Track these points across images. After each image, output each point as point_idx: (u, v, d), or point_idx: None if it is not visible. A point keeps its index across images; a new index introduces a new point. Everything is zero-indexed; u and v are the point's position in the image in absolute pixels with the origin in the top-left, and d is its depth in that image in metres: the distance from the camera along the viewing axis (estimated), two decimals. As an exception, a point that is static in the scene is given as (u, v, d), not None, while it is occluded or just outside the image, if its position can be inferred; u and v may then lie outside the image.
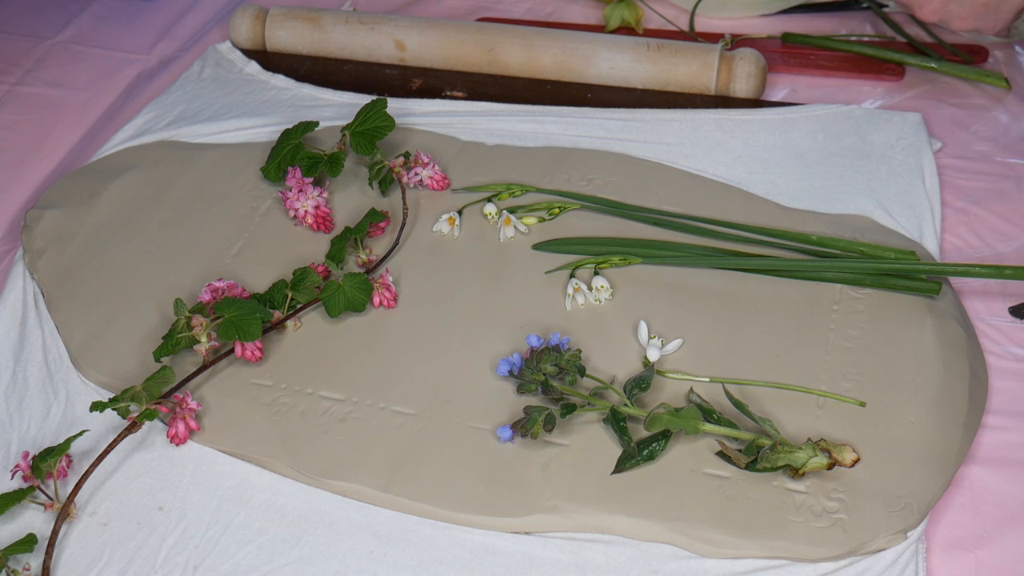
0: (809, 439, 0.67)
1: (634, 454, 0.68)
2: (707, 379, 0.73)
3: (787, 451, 0.66)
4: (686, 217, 0.85)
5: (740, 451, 0.68)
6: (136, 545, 0.67)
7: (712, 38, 1.08)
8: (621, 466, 0.68)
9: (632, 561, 0.65)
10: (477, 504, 0.67)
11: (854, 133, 0.94)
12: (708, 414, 0.69)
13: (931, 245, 0.83)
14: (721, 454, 0.68)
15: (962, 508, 0.67)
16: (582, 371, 0.72)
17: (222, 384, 0.75)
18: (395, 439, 0.71)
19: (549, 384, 0.71)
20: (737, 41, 1.07)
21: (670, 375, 0.74)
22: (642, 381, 0.72)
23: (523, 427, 0.69)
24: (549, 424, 0.69)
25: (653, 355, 0.74)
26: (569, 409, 0.70)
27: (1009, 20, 0.59)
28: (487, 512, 0.67)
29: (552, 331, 0.77)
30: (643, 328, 0.76)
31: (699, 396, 0.71)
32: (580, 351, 0.72)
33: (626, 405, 0.70)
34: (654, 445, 0.68)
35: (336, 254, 0.82)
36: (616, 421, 0.69)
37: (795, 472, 0.66)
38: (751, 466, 0.67)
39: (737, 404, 0.69)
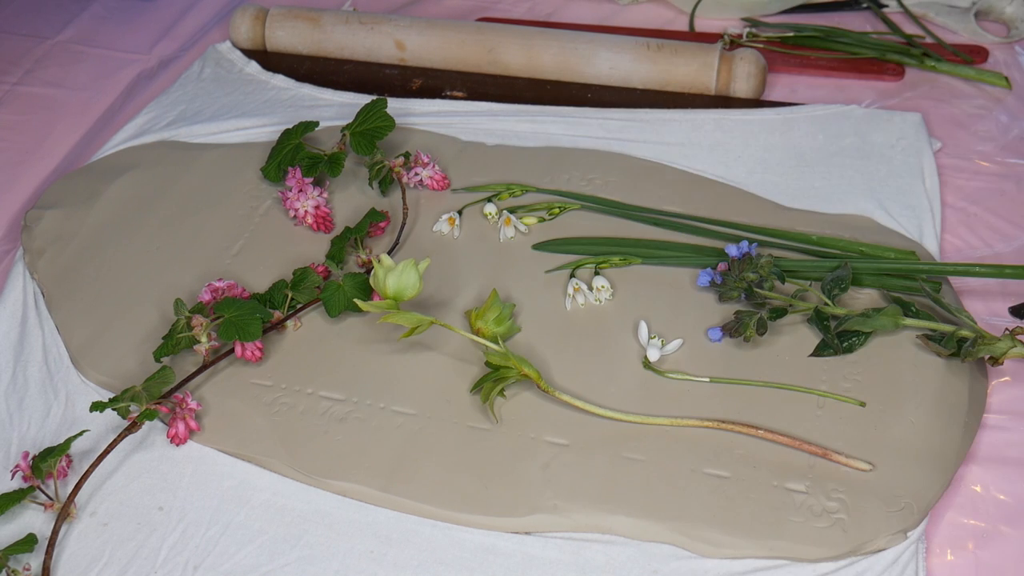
0: (1006, 329, 0.70)
1: (834, 346, 0.72)
2: (707, 379, 0.73)
3: (988, 343, 0.69)
4: (686, 217, 0.85)
5: (939, 343, 0.72)
6: (136, 545, 0.67)
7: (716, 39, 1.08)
8: (820, 352, 0.73)
9: (632, 561, 0.65)
10: (477, 504, 0.67)
11: (854, 133, 0.94)
12: (907, 307, 0.73)
13: (931, 245, 0.83)
14: (921, 345, 0.73)
15: (962, 508, 0.67)
16: (781, 277, 0.75)
17: (222, 384, 0.76)
18: (395, 439, 0.71)
19: (752, 290, 0.74)
20: (737, 42, 1.07)
21: (670, 375, 0.74)
22: (841, 281, 0.75)
23: (735, 330, 0.73)
24: (761, 328, 0.73)
25: (653, 355, 0.74)
26: (779, 313, 0.74)
27: None
28: (487, 512, 0.67)
29: (553, 330, 0.77)
30: (643, 328, 0.76)
31: (907, 296, 0.76)
32: (772, 256, 0.76)
33: (827, 304, 0.74)
34: (853, 340, 0.73)
35: (336, 254, 0.82)
36: (821, 320, 0.73)
37: (995, 361, 0.70)
38: (952, 358, 0.71)
39: (935, 300, 0.73)
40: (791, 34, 1.08)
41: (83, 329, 0.80)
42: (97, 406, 0.69)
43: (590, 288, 0.80)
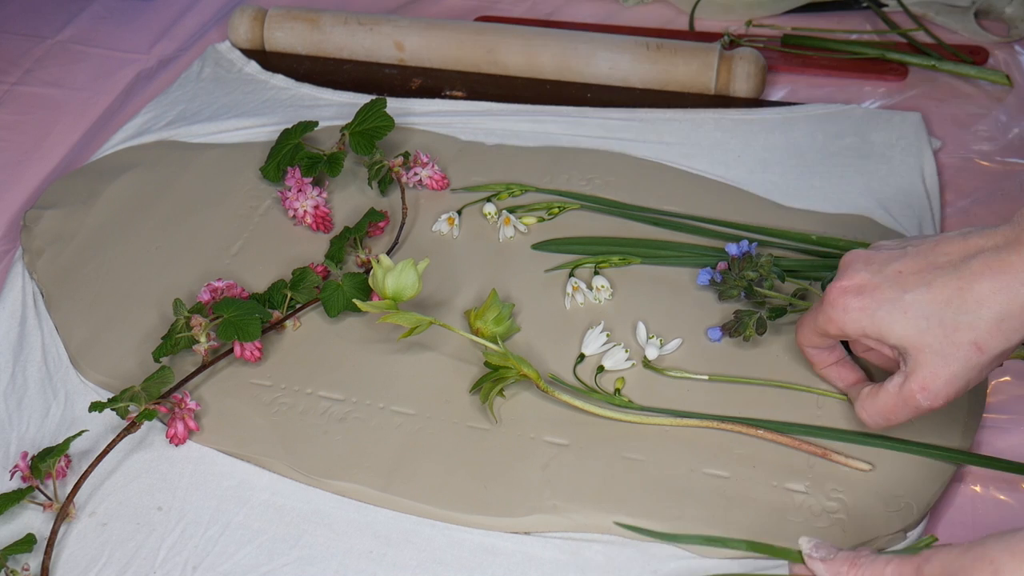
0: None
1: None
2: (706, 377, 0.73)
3: None
4: (686, 217, 0.85)
5: None
6: (135, 545, 0.67)
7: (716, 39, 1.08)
8: None
9: (632, 561, 0.65)
10: (476, 504, 0.67)
11: (854, 133, 0.94)
12: None
13: (931, 245, 0.83)
14: None
15: (962, 508, 0.67)
16: (781, 276, 0.75)
17: (221, 384, 0.75)
18: (395, 439, 0.71)
19: (752, 289, 0.74)
20: (739, 41, 1.07)
21: (669, 373, 0.73)
22: None
23: (734, 329, 0.72)
24: (761, 328, 0.72)
25: (652, 354, 0.74)
26: (779, 312, 0.73)
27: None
28: (486, 512, 0.67)
29: (554, 327, 0.77)
30: (641, 329, 0.76)
31: None
32: (772, 255, 0.76)
33: None
34: None
35: (335, 254, 0.82)
36: None
37: None
38: None
39: None
40: (791, 30, 1.08)
41: (82, 329, 0.80)
42: (96, 406, 0.69)
43: (590, 287, 0.80)
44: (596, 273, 0.81)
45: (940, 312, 0.59)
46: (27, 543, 0.65)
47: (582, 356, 0.75)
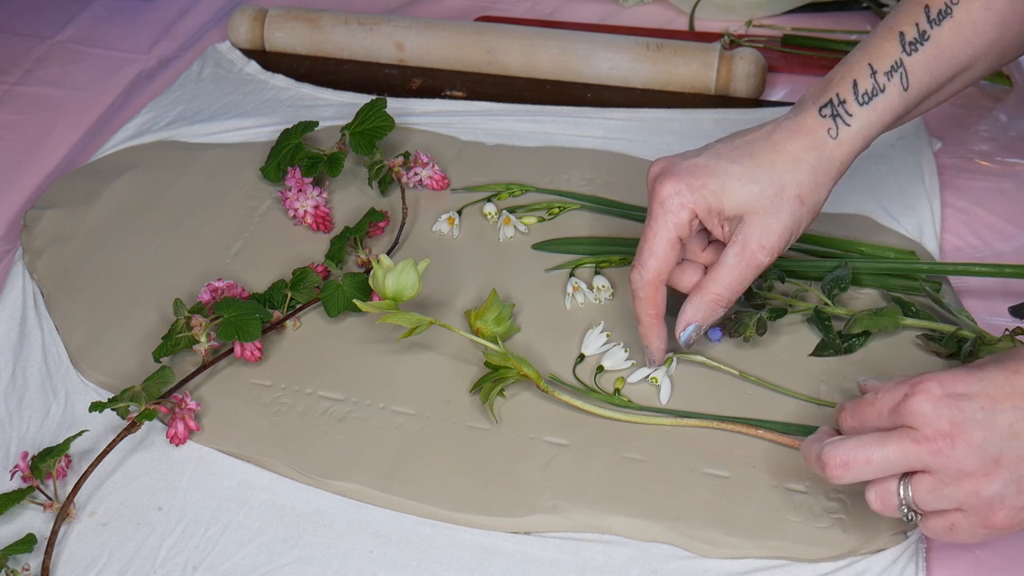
0: (1006, 329, 0.70)
1: (835, 346, 0.73)
2: (737, 373, 0.73)
3: (988, 343, 0.69)
4: (686, 217, 0.85)
5: (939, 343, 0.72)
6: (135, 545, 0.67)
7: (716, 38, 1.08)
8: (820, 352, 0.73)
9: (632, 561, 0.65)
10: (476, 504, 0.67)
11: (854, 133, 0.94)
12: (907, 307, 0.73)
13: (931, 245, 0.83)
14: (921, 345, 0.73)
15: (962, 508, 0.67)
16: (781, 278, 0.75)
17: (221, 384, 0.75)
18: (395, 439, 0.71)
19: (752, 290, 0.75)
20: (739, 41, 1.07)
21: (695, 358, 0.74)
22: (841, 281, 0.75)
23: (734, 329, 0.73)
24: (761, 328, 0.73)
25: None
26: (779, 313, 0.74)
27: None
28: (486, 512, 0.67)
29: (554, 327, 0.77)
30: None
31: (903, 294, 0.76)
32: None
33: (827, 304, 0.74)
34: (853, 340, 0.73)
35: (336, 254, 0.82)
36: (821, 320, 0.73)
37: None
38: (952, 358, 0.71)
39: (936, 300, 0.74)
40: (791, 30, 1.08)
41: (83, 329, 0.80)
42: (96, 406, 0.69)
43: (590, 287, 0.80)
44: (596, 273, 0.81)
45: (768, 174, 0.66)
46: (27, 543, 0.65)
47: (582, 356, 0.75)
